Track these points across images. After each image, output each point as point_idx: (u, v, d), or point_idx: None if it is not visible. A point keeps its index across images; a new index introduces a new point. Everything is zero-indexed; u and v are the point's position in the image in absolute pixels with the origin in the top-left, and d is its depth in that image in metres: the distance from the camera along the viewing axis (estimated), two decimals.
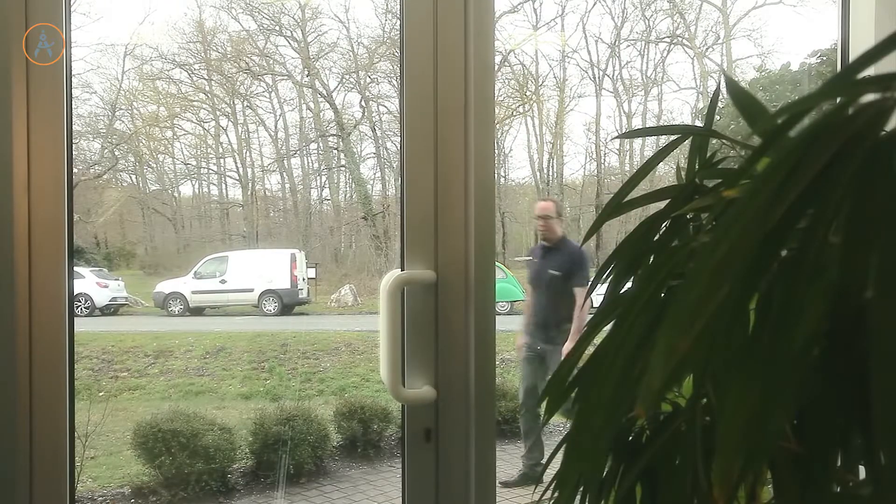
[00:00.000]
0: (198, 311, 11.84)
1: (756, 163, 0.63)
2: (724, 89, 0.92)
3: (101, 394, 7.41)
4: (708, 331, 0.54)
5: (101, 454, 5.80)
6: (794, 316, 0.56)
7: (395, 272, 1.97)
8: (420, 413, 1.95)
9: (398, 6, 2.06)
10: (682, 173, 1.05)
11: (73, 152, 2.11)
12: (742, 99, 0.71)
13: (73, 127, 1.93)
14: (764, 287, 0.61)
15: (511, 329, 10.18)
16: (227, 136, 16.53)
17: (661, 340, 0.55)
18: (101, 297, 11.20)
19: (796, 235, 0.57)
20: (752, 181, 0.56)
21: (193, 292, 12.07)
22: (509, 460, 5.94)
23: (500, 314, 1.99)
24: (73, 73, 1.93)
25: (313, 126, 16.82)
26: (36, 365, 1.81)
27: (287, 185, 17.74)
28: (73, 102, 1.91)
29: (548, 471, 1.06)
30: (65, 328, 1.83)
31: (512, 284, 12.23)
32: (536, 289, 5.61)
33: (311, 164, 17.63)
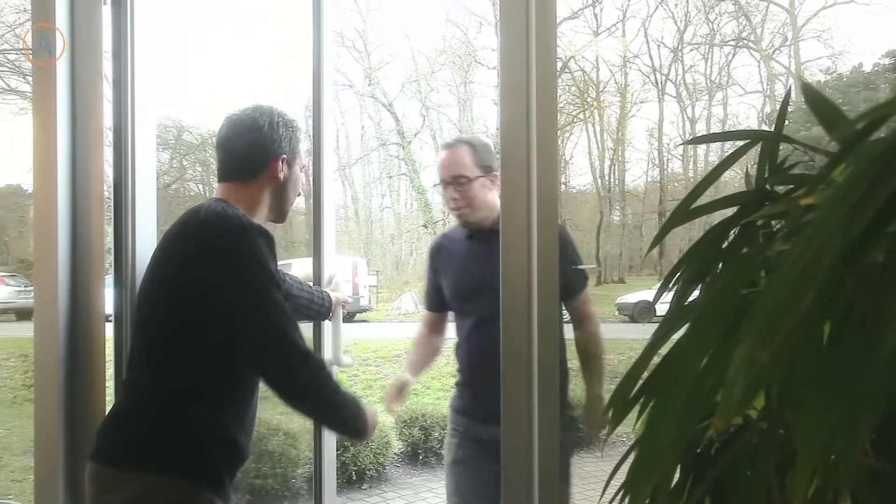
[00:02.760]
0: None
1: (835, 169, 0.62)
2: (794, 93, 0.90)
3: None
4: (789, 342, 0.53)
5: None
6: (878, 328, 0.55)
7: None
8: None
9: (459, 17, 2.06)
10: (752, 179, 1.03)
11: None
12: (819, 104, 0.70)
13: None
14: (845, 297, 0.59)
15: (573, 338, 10.09)
16: None
17: (740, 351, 0.54)
18: None
19: (882, 244, 0.55)
20: (834, 188, 0.55)
21: None
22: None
23: (563, 322, 2.00)
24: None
25: (374, 135, 17.02)
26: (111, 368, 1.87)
27: (349, 194, 17.97)
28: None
29: (612, 481, 1.05)
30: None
31: None
32: (465, 316, 2.63)
33: (371, 173, 17.84)
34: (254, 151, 1.90)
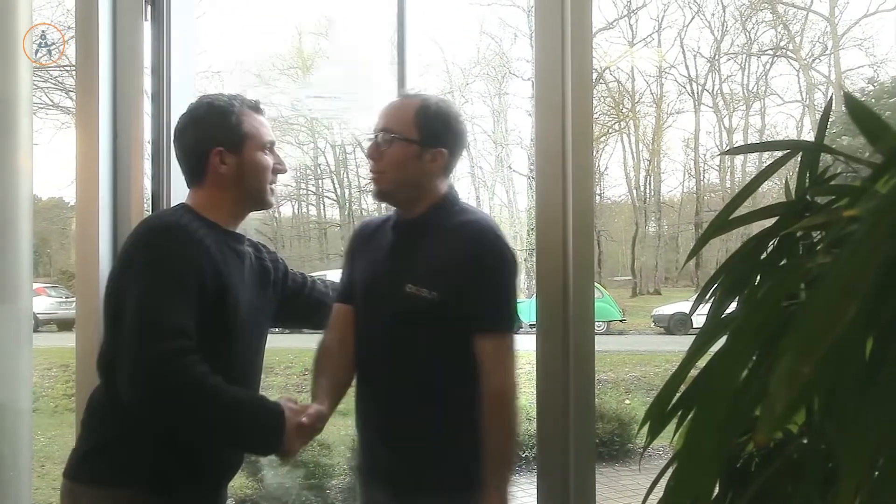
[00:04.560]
0: (297, 329, 12.15)
1: (878, 181, 0.61)
2: (835, 103, 0.89)
3: None
4: (833, 356, 0.52)
5: None
6: None
7: None
8: None
9: (494, 28, 2.07)
10: (791, 190, 1.02)
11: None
12: (861, 114, 0.68)
13: None
14: (890, 311, 0.58)
15: (608, 349, 10.01)
16: (325, 157, 17.00)
17: (782, 364, 0.53)
18: None
19: None
20: (877, 200, 0.54)
21: None
22: (607, 483, 5.81)
23: (596, 334, 1.92)
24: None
25: None
26: None
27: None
28: None
29: (650, 495, 1.04)
30: None
31: (608, 304, 12.04)
32: (364, 329, 1.89)
33: None
34: (187, 156, 1.80)
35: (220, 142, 1.75)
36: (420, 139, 1.79)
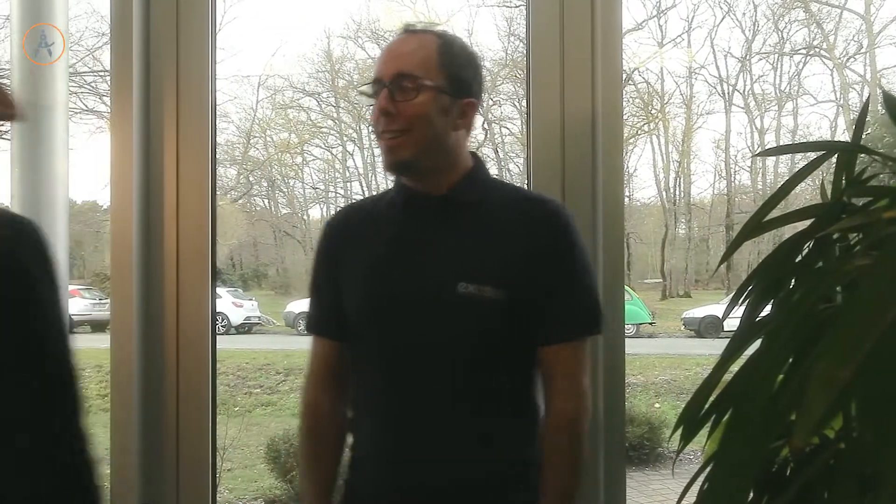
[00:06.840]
0: None
1: None
2: (871, 103, 0.88)
3: (236, 409, 7.75)
4: (872, 359, 0.51)
5: (237, 467, 6.05)
6: None
7: None
8: None
9: (523, 29, 2.06)
10: (827, 191, 1.00)
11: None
12: None
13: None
14: None
15: (637, 352, 9.93)
16: (353, 160, 17.05)
17: (819, 368, 0.52)
18: (236, 317, 11.80)
19: None
20: None
21: None
22: (637, 487, 5.77)
23: (626, 337, 1.89)
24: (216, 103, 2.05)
25: None
26: (182, 379, 1.91)
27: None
28: (216, 131, 2.03)
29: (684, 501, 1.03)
30: (208, 345, 1.93)
31: (638, 307, 11.96)
32: (376, 353, 1.46)
33: None
34: None
35: None
36: (448, 86, 1.39)
